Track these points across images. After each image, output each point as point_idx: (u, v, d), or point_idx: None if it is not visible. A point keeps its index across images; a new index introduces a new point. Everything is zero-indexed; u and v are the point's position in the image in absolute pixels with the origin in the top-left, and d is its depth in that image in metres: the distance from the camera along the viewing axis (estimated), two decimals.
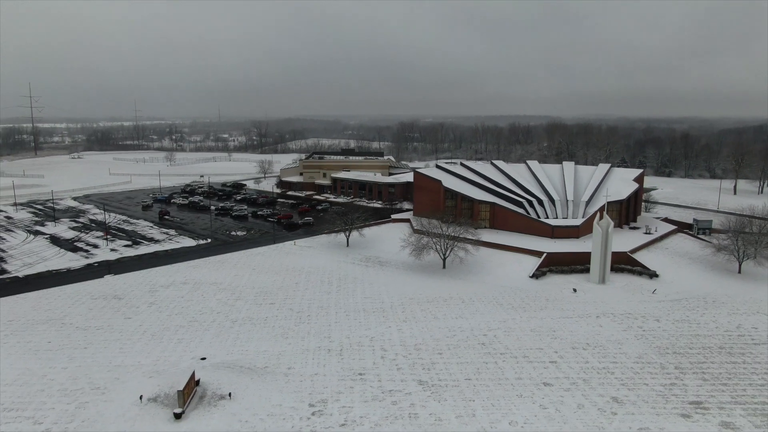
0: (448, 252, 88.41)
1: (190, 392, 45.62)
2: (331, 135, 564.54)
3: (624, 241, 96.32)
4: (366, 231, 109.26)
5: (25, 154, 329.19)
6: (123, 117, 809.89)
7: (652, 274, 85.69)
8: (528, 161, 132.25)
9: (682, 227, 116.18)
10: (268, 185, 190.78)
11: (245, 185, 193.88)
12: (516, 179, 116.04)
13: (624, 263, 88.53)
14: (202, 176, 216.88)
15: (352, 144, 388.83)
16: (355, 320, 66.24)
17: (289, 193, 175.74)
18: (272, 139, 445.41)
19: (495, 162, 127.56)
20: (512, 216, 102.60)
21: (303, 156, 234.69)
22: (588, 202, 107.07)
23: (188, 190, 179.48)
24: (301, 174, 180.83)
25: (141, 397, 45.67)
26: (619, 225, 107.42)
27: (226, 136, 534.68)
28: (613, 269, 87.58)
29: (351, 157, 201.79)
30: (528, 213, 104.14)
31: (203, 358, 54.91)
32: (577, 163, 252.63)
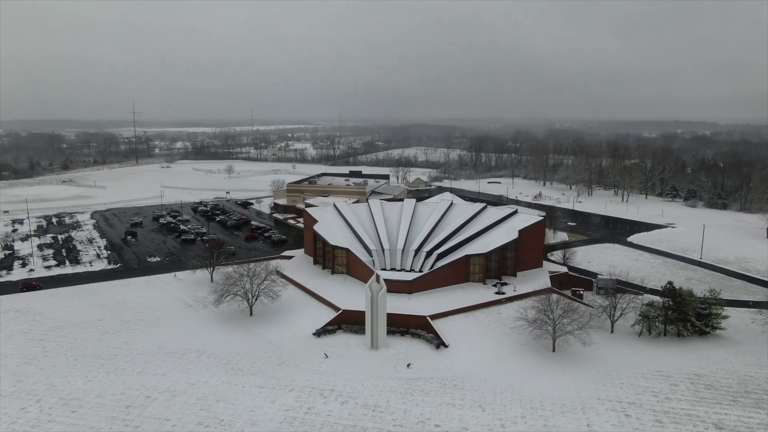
0: (253, 299, 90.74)
1: None
2: (434, 144, 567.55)
3: (448, 301, 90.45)
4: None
5: (130, 162, 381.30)
6: (254, 121, 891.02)
7: (440, 344, 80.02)
8: (443, 198, 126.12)
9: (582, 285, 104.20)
10: (268, 206, 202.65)
11: (252, 204, 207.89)
12: (403, 224, 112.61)
13: (423, 328, 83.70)
14: (228, 192, 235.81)
15: (425, 155, 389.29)
16: (74, 367, 72.81)
17: (275, 215, 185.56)
18: (350, 150, 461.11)
19: (407, 200, 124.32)
20: (359, 264, 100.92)
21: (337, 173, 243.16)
22: (444, 254, 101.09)
23: (192, 208, 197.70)
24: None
25: None
26: (482, 280, 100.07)
27: (327, 143, 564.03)
28: (410, 333, 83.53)
29: (351, 180, 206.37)
30: (374, 263, 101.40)
31: None
32: (605, 189, 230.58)
